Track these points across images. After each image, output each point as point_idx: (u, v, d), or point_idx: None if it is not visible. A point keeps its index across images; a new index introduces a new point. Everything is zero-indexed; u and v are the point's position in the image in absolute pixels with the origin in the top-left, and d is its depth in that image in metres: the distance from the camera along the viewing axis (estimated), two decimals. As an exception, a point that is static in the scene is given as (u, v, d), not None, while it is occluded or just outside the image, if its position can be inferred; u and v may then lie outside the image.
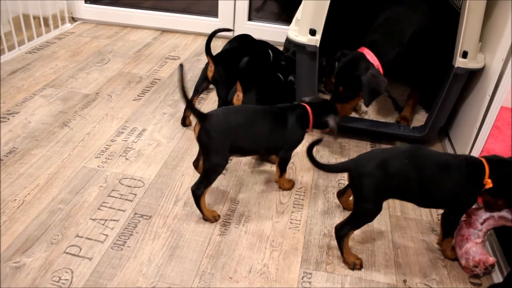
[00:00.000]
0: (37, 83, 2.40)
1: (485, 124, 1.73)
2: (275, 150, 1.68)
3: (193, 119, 2.15)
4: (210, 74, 2.00)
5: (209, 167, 1.53)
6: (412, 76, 2.20)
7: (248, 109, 1.61)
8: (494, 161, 1.39)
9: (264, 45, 2.35)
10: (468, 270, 1.44)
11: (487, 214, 1.44)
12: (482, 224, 1.44)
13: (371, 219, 1.42)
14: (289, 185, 1.77)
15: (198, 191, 1.53)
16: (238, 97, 1.84)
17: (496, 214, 1.43)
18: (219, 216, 1.61)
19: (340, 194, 1.67)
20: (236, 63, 1.76)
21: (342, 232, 1.42)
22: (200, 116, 1.50)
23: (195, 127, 1.53)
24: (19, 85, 2.37)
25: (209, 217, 1.58)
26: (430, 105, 2.06)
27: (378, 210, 1.40)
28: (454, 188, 1.38)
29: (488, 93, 1.76)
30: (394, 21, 1.91)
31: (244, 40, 2.36)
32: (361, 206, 1.41)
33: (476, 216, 1.45)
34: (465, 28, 1.79)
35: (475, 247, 1.42)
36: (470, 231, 1.44)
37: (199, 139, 1.52)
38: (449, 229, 1.48)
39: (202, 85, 2.06)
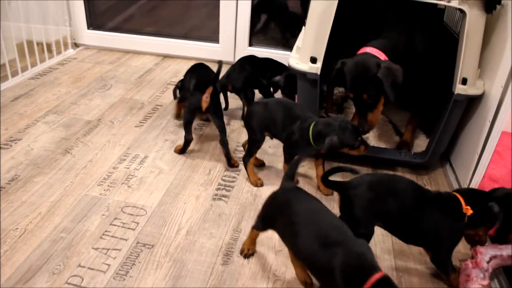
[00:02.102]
0: (39, 109, 2.42)
1: (486, 149, 1.74)
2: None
3: (192, 147, 2.16)
4: (204, 105, 1.95)
5: None
6: (411, 101, 2.21)
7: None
8: (465, 191, 1.46)
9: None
10: None
11: (493, 252, 1.41)
12: (488, 262, 1.40)
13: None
14: None
15: None
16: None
17: (504, 252, 1.40)
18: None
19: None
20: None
21: None
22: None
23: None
24: (21, 112, 2.38)
25: None
26: (430, 130, 2.07)
27: (370, 233, 1.41)
28: (433, 222, 1.39)
29: (488, 119, 1.77)
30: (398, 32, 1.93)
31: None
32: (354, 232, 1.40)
33: (482, 255, 1.41)
34: (464, 55, 1.81)
35: None
36: (476, 272, 1.39)
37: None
38: (447, 268, 1.46)
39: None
